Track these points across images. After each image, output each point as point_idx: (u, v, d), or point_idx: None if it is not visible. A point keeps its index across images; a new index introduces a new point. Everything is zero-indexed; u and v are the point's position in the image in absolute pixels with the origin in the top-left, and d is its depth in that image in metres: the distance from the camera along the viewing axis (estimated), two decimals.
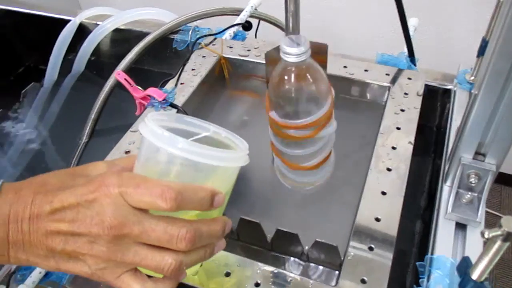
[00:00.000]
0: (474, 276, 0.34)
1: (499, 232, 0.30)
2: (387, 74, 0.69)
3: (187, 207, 0.33)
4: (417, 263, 0.45)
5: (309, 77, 0.48)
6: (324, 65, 0.53)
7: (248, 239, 0.55)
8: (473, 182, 0.46)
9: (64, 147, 0.82)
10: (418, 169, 0.65)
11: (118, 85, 0.74)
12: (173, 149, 0.33)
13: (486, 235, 0.30)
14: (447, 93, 0.70)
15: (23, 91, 0.92)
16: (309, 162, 0.55)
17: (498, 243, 0.31)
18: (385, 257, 0.47)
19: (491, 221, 1.40)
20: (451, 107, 0.65)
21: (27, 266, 0.33)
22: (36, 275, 0.49)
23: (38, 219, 0.32)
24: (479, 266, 0.34)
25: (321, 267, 0.52)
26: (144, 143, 0.35)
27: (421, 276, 0.43)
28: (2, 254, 0.33)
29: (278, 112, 0.51)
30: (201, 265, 0.48)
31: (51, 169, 0.78)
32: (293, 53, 0.44)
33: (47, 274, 0.50)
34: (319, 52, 0.52)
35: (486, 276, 0.34)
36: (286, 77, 0.48)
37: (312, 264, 0.53)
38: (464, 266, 0.36)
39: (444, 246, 0.46)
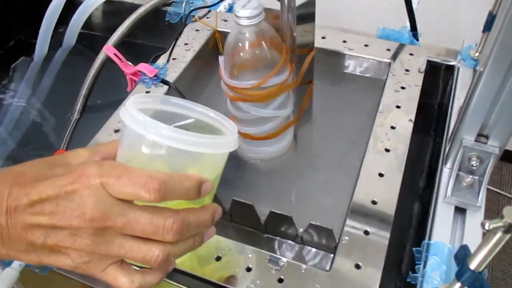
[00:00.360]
0: (472, 266, 0.33)
1: (500, 224, 0.28)
2: (388, 50, 0.66)
3: (172, 197, 0.31)
4: (414, 248, 0.43)
5: (261, 44, 0.48)
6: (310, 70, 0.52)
7: (241, 221, 0.54)
8: (475, 165, 0.44)
9: (57, 122, 0.80)
10: (417, 148, 0.63)
11: (109, 59, 0.71)
12: (156, 137, 0.31)
13: (486, 227, 0.28)
14: (450, 69, 0.67)
15: (13, 65, 0.89)
16: (244, 128, 0.55)
17: (499, 234, 0.29)
18: (381, 242, 0.45)
19: (492, 199, 1.39)
20: (454, 84, 0.63)
21: (8, 260, 0.32)
22: None
23: (16, 212, 0.31)
24: (478, 256, 0.32)
25: (315, 250, 0.51)
26: (126, 129, 0.33)
27: (417, 262, 0.42)
28: None
29: (229, 70, 0.52)
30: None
31: (43, 146, 0.77)
32: (244, 15, 0.45)
33: None
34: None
35: (484, 266, 0.33)
36: (236, 40, 0.48)
37: (306, 247, 0.51)
38: (462, 255, 0.35)
39: (442, 231, 0.44)
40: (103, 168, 0.30)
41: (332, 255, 0.50)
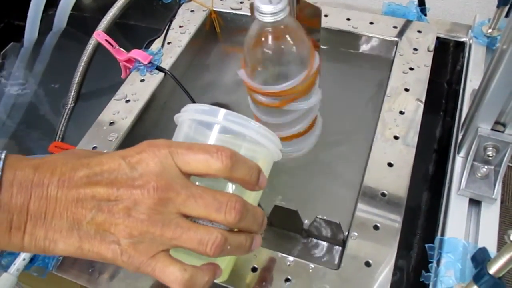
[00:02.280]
0: (492, 270, 0.31)
1: None
2: (395, 27, 0.62)
3: (239, 172, 0.30)
4: (427, 245, 0.41)
5: (287, 39, 0.43)
6: (317, 30, 0.47)
7: None
8: (491, 155, 0.42)
9: (51, 111, 0.77)
10: (426, 129, 0.61)
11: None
12: (220, 120, 0.32)
13: None
14: (460, 46, 0.63)
15: (2, 52, 0.86)
16: (282, 132, 0.51)
17: None
18: (391, 237, 0.43)
19: (508, 173, 1.36)
20: (465, 62, 0.59)
21: (38, 251, 0.29)
22: (20, 262, 0.46)
23: (69, 182, 0.28)
24: (499, 262, 0.30)
25: (323, 244, 0.49)
26: (183, 128, 0.34)
27: (430, 260, 0.40)
28: (18, 227, 0.28)
29: (250, 72, 0.47)
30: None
31: (39, 136, 0.74)
32: (268, 12, 0.39)
33: (32, 260, 0.47)
34: (313, 15, 0.46)
35: (504, 272, 0.31)
36: (260, 38, 0.43)
37: (313, 241, 0.50)
38: (481, 258, 0.33)
39: (456, 225, 0.42)
40: (172, 141, 0.30)
41: (339, 247, 0.49)
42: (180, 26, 0.66)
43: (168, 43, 0.64)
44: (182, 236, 0.28)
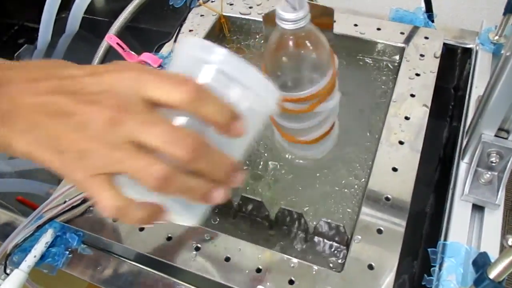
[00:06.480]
0: (492, 275, 0.31)
1: None
2: (402, 33, 0.63)
3: (206, 108, 0.27)
4: (429, 249, 0.42)
5: (308, 46, 0.43)
6: (329, 30, 0.48)
7: (251, 217, 0.53)
8: (494, 161, 0.42)
9: None
10: (432, 135, 0.61)
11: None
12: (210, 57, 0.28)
13: (510, 243, 0.27)
14: (467, 52, 0.64)
15: (16, 54, 0.88)
16: (307, 136, 0.51)
17: None
18: (395, 241, 0.44)
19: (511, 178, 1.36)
20: (471, 69, 0.60)
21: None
22: (31, 259, 0.47)
23: (30, 83, 0.28)
24: (498, 267, 0.31)
25: (327, 246, 0.50)
26: (181, 58, 0.31)
27: (433, 264, 0.40)
28: None
29: (275, 82, 0.47)
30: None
31: None
32: (290, 19, 0.39)
33: (42, 257, 0.49)
34: (324, 15, 0.47)
35: (504, 277, 0.31)
36: (282, 46, 0.43)
37: (318, 243, 0.50)
38: (482, 262, 0.33)
39: (459, 230, 0.42)
40: (144, 66, 0.29)
41: (343, 250, 0.49)
42: (190, 30, 0.67)
43: None
44: (127, 160, 0.27)
